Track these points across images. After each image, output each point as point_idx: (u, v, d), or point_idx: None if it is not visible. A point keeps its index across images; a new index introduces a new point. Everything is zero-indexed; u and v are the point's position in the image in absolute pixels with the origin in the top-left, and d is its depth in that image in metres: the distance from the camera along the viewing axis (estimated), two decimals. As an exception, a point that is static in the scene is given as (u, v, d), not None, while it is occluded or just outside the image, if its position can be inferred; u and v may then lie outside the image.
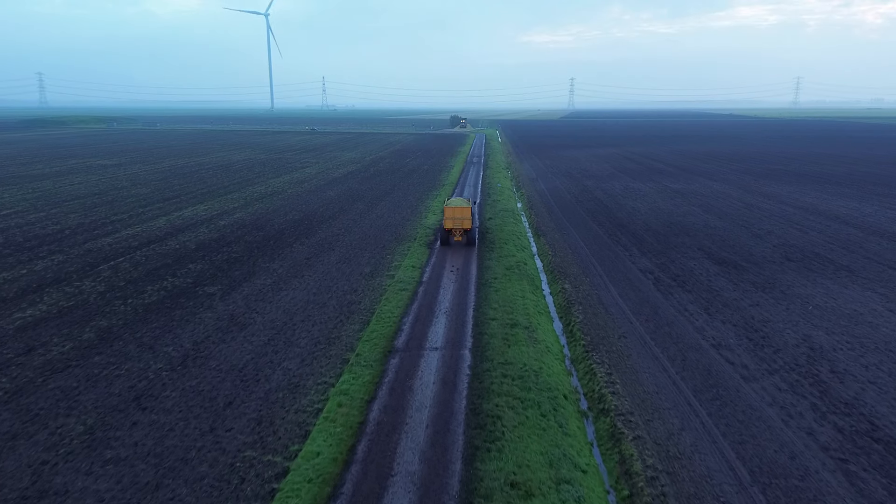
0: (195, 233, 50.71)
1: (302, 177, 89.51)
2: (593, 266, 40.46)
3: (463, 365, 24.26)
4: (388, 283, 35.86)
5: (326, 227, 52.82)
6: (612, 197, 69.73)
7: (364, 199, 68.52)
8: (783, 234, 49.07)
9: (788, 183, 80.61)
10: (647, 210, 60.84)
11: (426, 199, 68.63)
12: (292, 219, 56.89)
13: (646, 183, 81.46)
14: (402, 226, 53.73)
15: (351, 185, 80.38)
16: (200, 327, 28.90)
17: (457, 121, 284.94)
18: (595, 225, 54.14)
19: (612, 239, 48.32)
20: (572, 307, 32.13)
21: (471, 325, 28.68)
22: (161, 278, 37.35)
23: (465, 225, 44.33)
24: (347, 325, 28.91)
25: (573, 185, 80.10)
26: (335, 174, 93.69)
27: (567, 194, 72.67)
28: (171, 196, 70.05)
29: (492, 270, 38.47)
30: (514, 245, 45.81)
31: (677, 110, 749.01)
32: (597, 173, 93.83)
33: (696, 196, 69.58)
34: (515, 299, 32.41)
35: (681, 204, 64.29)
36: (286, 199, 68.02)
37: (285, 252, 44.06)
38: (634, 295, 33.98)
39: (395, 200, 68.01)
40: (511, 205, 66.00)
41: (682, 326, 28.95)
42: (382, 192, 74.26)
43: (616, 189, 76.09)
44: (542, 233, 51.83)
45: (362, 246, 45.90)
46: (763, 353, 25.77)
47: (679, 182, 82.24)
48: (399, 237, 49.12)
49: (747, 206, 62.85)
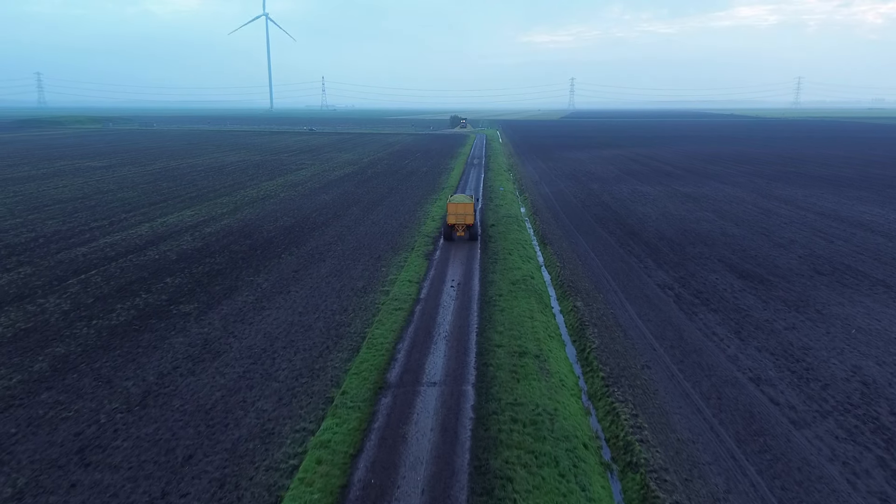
0: (178, 241, 47.39)
1: (296, 179, 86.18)
2: (606, 280, 37.15)
3: (465, 405, 20.94)
4: (383, 301, 32.55)
5: (318, 235, 49.49)
6: (621, 201, 66.42)
7: (360, 204, 65.20)
8: (807, 244, 45.76)
9: (802, 186, 77.31)
10: (659, 216, 57.52)
11: (425, 204, 65.32)
12: (283, 225, 53.56)
13: (654, 186, 78.15)
14: (398, 233, 50.42)
15: (347, 189, 77.06)
16: (169, 355, 25.59)
17: (457, 121, 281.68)
18: (605, 232, 50.83)
19: (625, 248, 45.00)
20: (586, 329, 28.82)
21: (474, 354, 25.35)
22: (134, 294, 34.02)
23: (467, 220, 45.94)
24: (334, 353, 25.59)
25: (578, 189, 76.78)
26: (331, 176, 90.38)
27: (573, 198, 69.36)
28: (157, 200, 66.73)
29: (496, 286, 35.14)
30: (519, 255, 42.51)
31: (678, 110, 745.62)
32: (602, 176, 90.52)
33: (708, 200, 66.26)
34: (523, 321, 29.11)
35: (693, 209, 60.97)
36: (278, 204, 64.69)
37: (272, 263, 40.75)
38: (654, 315, 30.67)
39: (392, 205, 64.69)
40: (514, 210, 62.66)
41: (713, 354, 25.64)
42: (379, 196, 70.95)
43: (624, 193, 72.78)
44: (548, 241, 48.52)
45: (355, 256, 42.59)
46: (810, 389, 22.46)
47: (689, 185, 78.94)
48: (395, 246, 45.80)
49: (764, 211, 59.52)
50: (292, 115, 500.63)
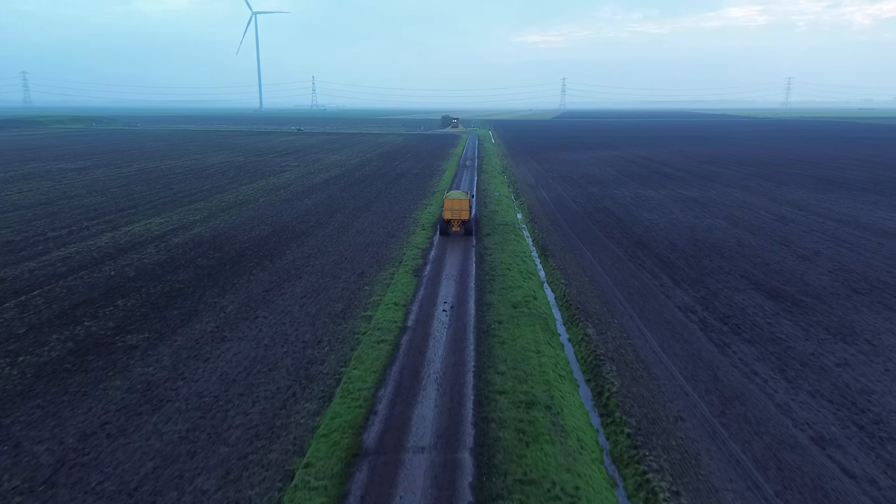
0: (140, 254, 42.69)
1: (279, 183, 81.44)
2: (618, 301, 32.83)
3: (462, 483, 16.49)
4: (363, 330, 28.06)
5: (296, 247, 44.91)
6: (624, 207, 62.20)
7: (344, 210, 60.61)
8: (834, 256, 41.66)
9: (813, 189, 73.42)
10: (667, 223, 53.31)
11: (414, 210, 60.82)
12: (258, 235, 48.92)
13: (657, 190, 74.03)
14: (385, 245, 45.91)
15: (331, 193, 72.43)
16: (100, 405, 21.01)
17: (448, 121, 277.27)
18: (610, 242, 46.55)
19: (635, 262, 40.73)
20: (602, 366, 24.47)
21: (471, 404, 20.92)
22: (76, 321, 29.37)
23: (462, 216, 47.36)
24: (301, 403, 21.09)
25: (578, 193, 72.53)
26: (316, 179, 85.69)
27: (572, 203, 65.08)
28: (126, 206, 61.87)
29: (495, 309, 30.73)
30: (518, 271, 38.13)
31: (670, 110, 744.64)
32: (601, 178, 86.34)
33: (716, 206, 62.16)
34: (528, 356, 24.71)
35: (702, 216, 56.82)
36: (256, 210, 59.98)
37: (241, 281, 36.15)
38: (680, 347, 26.36)
39: (379, 211, 60.15)
40: (510, 217, 58.26)
41: (759, 402, 21.35)
42: (366, 201, 66.39)
43: (626, 197, 68.59)
44: (549, 253, 44.18)
45: (336, 273, 38.04)
46: (887, 453, 18.22)
47: (693, 189, 74.88)
48: (381, 260, 41.29)
49: (778, 217, 55.45)
50: (281, 115, 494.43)
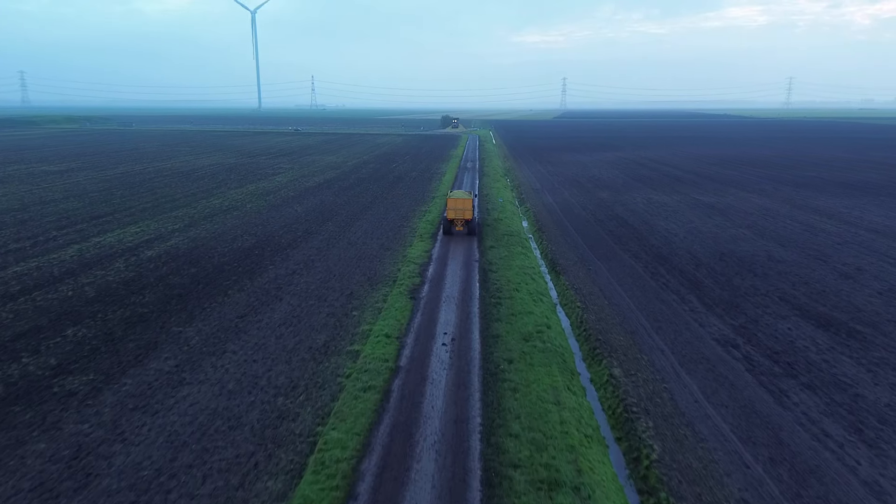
0: (106, 270, 38.36)
1: (270, 186, 77.09)
2: (644, 330, 28.49)
3: None
4: (349, 370, 23.71)
5: (281, 262, 40.56)
6: (637, 214, 57.83)
7: (337, 218, 56.24)
8: (880, 273, 37.31)
9: (837, 195, 69.07)
10: (686, 234, 48.96)
11: (412, 218, 56.45)
12: (240, 247, 44.56)
13: (670, 195, 69.68)
14: (379, 259, 41.56)
15: (324, 198, 68.07)
16: (9, 483, 16.67)
17: (448, 121, 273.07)
18: (627, 256, 42.20)
19: (657, 280, 36.37)
20: (636, 422, 20.14)
21: (479, 484, 16.55)
22: (13, 357, 25.04)
23: (466, 215, 47.64)
24: (263, 481, 16.73)
25: (586, 198, 68.16)
26: (309, 183, 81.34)
27: (581, 210, 60.72)
28: (103, 213, 57.51)
29: (503, 342, 26.38)
30: (527, 291, 33.77)
31: (671, 111, 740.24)
32: (609, 182, 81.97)
33: (736, 213, 57.82)
34: (546, 408, 20.37)
35: (724, 225, 52.48)
36: (241, 218, 55.61)
37: (214, 304, 31.82)
38: (727, 394, 22.00)
39: (374, 219, 55.78)
40: (516, 225, 53.87)
41: (840, 478, 17.01)
42: (361, 208, 62.03)
43: (638, 203, 64.24)
44: (561, 269, 39.82)
45: (322, 294, 33.67)
46: None
47: (708, 194, 70.52)
48: (374, 278, 36.93)
49: (806, 227, 51.09)
50: (280, 115, 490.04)
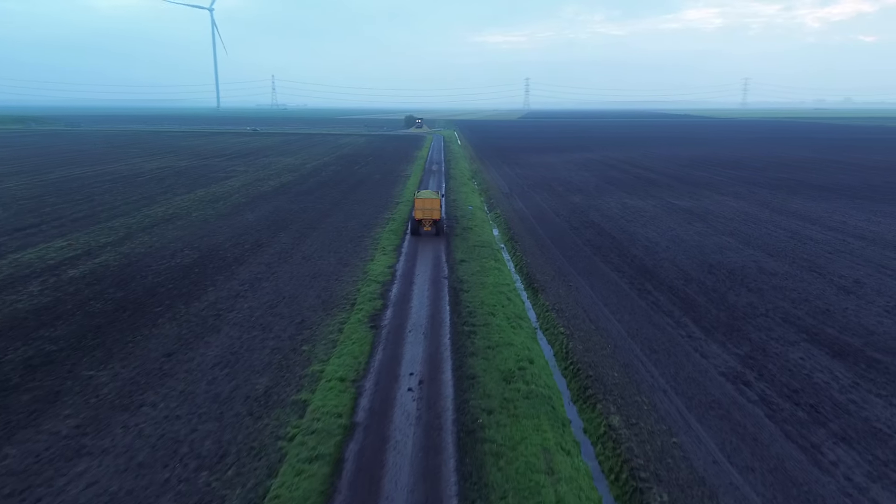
0: (17, 294, 33.08)
1: (220, 192, 71.67)
2: (640, 362, 24.80)
3: None
4: (293, 430, 19.33)
5: (224, 281, 35.79)
6: (613, 221, 54.55)
7: (292, 227, 51.50)
8: (881, 287, 34.51)
9: (813, 198, 67.14)
10: (669, 242, 45.77)
11: (374, 227, 52.04)
12: (179, 264, 39.58)
13: (645, 199, 66.77)
14: (336, 277, 37.12)
15: (280, 205, 63.11)
16: None
17: (412, 121, 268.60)
18: (609, 269, 38.67)
19: (646, 298, 32.85)
20: (648, 494, 16.30)
21: None
22: None
23: (434, 216, 46.69)
24: None
25: (559, 203, 64.73)
26: (264, 187, 76.12)
27: (555, 217, 57.18)
28: (28, 224, 51.60)
29: (480, 385, 22.31)
30: (504, 316, 29.84)
31: (633, 111, 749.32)
32: (581, 185, 78.84)
33: (716, 219, 55.04)
34: (538, 483, 16.36)
35: (705, 232, 49.53)
36: (185, 229, 50.39)
37: (139, 337, 27.02)
38: (751, 452, 18.36)
39: (333, 228, 51.21)
40: (487, 235, 49.94)
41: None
42: (319, 215, 57.34)
43: (613, 208, 61.04)
44: (539, 286, 36.03)
45: (267, 323, 29.14)
46: None
47: (684, 198, 67.87)
48: (329, 301, 32.50)
49: (792, 234, 48.46)
50: (239, 115, 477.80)
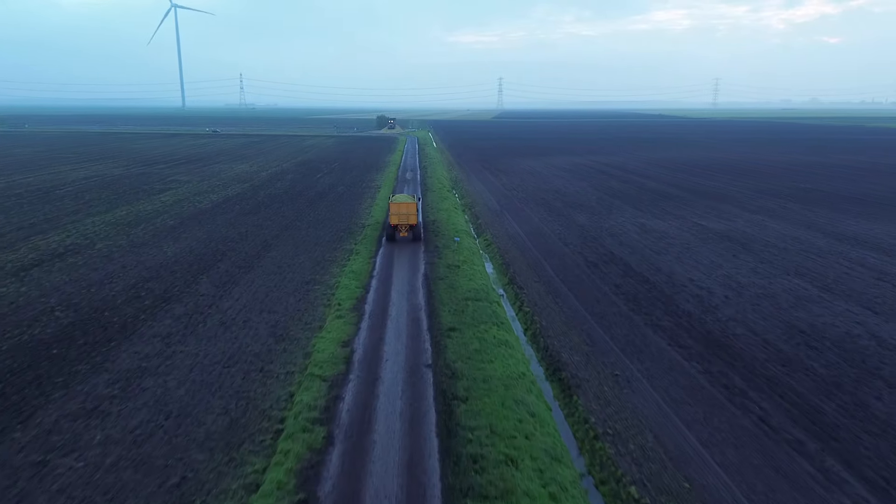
0: None
1: (146, 211, 58.47)
2: None
3: None
4: None
5: (89, 375, 23.12)
6: (638, 252, 42.98)
7: (221, 266, 38.84)
8: None
9: (861, 215, 56.47)
10: (724, 289, 34.24)
11: (331, 265, 39.58)
12: (37, 337, 26.71)
13: (663, 219, 55.44)
14: (263, 365, 24.64)
15: (215, 229, 50.27)
16: None
17: (384, 121, 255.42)
18: (663, 341, 26.94)
19: (741, 404, 21.10)
20: None
21: None
22: None
23: (410, 220, 44.62)
24: None
25: (561, 225, 53.01)
26: (203, 203, 63.08)
27: (562, 245, 45.41)
28: None
29: None
30: (532, 465, 17.74)
31: (606, 111, 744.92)
32: (580, 199, 67.31)
33: (764, 248, 43.86)
34: None
35: (762, 270, 38.20)
36: (73, 271, 37.32)
37: None
38: None
39: (275, 267, 38.69)
40: (479, 277, 37.68)
41: None
42: (261, 245, 44.74)
43: (630, 232, 49.54)
44: (570, 378, 24.07)
45: (122, 484, 16.66)
46: None
47: (708, 216, 56.70)
48: (239, 425, 20.06)
49: (879, 275, 37.24)
50: (204, 115, 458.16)
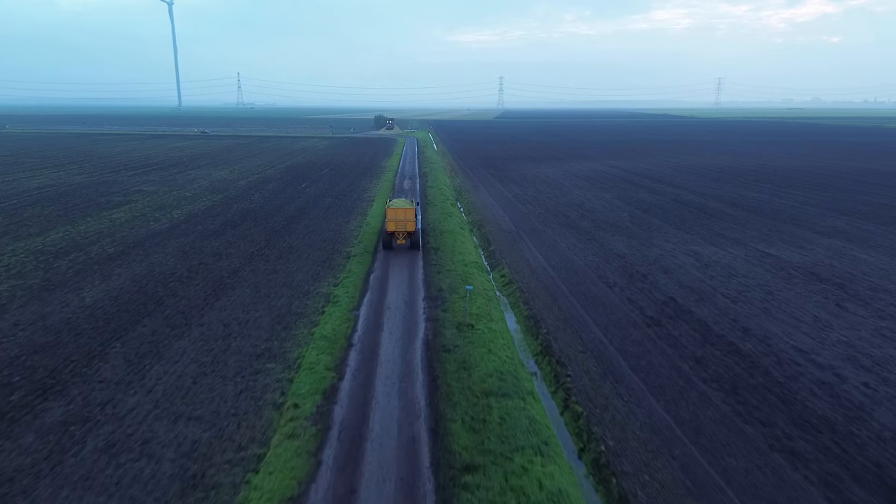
0: None
1: (92, 231, 47.96)
2: None
3: None
4: None
5: None
6: (709, 300, 32.42)
7: (147, 325, 28.25)
8: None
9: (958, 241, 45.99)
10: (857, 371, 23.76)
11: (299, 321, 29.01)
12: None
13: (721, 245, 44.92)
14: None
15: (161, 260, 39.76)
16: None
17: (382, 121, 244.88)
18: (801, 474, 16.49)
19: None
20: None
21: None
22: None
23: (408, 227, 42.38)
24: None
25: (595, 255, 42.48)
26: (161, 221, 52.58)
27: (604, 288, 34.85)
28: None
29: None
30: None
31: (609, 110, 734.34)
32: (611, 216, 56.77)
33: (875, 296, 33.35)
34: None
35: (892, 333, 27.73)
36: (-62, 335, 26.80)
37: None
38: None
39: (221, 327, 28.13)
40: (501, 347, 26.81)
41: None
42: (213, 286, 34.20)
43: (686, 267, 39.00)
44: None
45: None
46: None
47: (775, 242, 46.17)
48: None
49: None
50: (199, 115, 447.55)
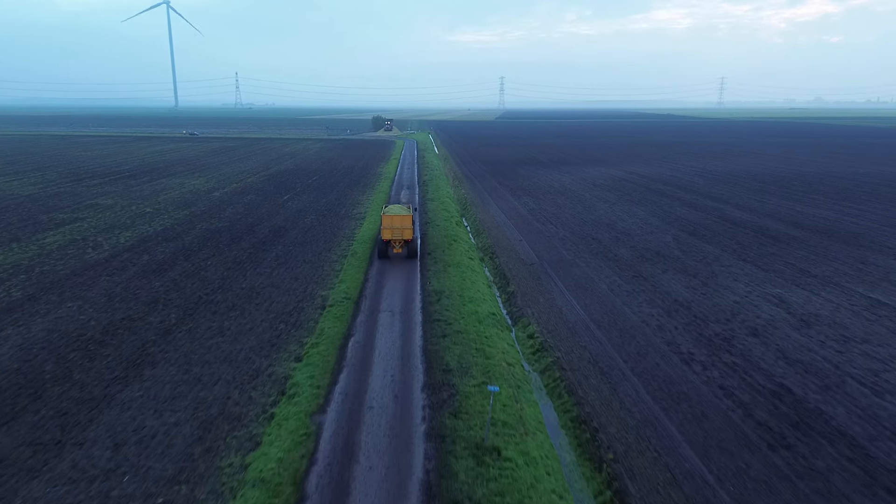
0: None
1: (4, 265, 37.91)
2: None
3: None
4: None
5: None
6: (835, 391, 22.33)
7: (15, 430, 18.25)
8: None
9: None
10: None
11: (229, 440, 18.98)
12: None
13: (810, 287, 34.77)
14: None
15: (75, 312, 29.71)
16: None
17: (380, 122, 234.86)
18: None
19: None
20: None
21: None
22: None
23: (405, 235, 40.01)
24: None
25: (652, 304, 32.32)
26: (101, 249, 42.56)
27: (682, 366, 24.76)
28: None
29: None
30: None
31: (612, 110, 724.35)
32: (651, 240, 46.62)
33: None
34: None
35: None
36: None
37: None
38: None
39: (119, 437, 18.07)
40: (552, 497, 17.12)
41: None
42: (130, 356, 24.12)
43: (782, 327, 28.88)
44: None
45: None
46: None
47: (874, 282, 36.12)
48: None
49: None
50: (194, 115, 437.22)
